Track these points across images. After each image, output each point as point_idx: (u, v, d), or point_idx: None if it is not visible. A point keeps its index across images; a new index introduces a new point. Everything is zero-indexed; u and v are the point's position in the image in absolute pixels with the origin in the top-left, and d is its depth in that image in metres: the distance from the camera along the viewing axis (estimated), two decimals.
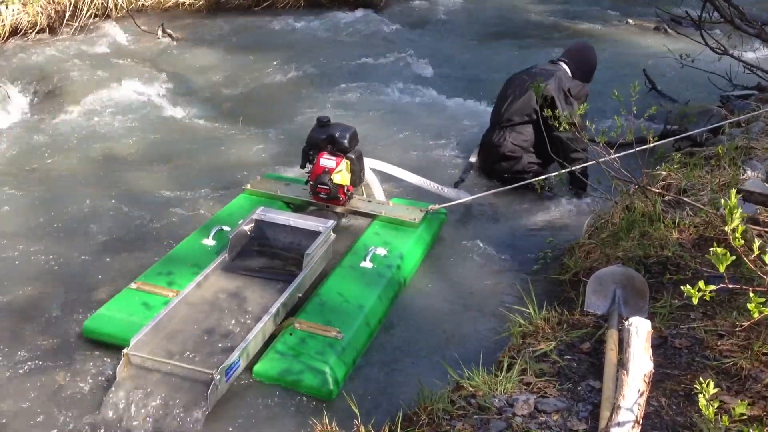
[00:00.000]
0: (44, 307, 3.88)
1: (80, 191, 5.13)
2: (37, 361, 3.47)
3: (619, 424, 2.39)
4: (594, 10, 10.84)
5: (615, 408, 2.43)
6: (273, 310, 3.57)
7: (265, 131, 6.36)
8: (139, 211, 4.89)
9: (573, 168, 4.68)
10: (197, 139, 6.16)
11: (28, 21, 8.27)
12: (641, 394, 2.43)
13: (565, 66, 5.50)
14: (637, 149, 4.09)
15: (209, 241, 4.19)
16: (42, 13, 8.38)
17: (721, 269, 2.09)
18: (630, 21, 10.37)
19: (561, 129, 4.42)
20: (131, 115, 6.47)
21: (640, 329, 2.48)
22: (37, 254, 4.35)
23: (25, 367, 3.43)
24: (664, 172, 4.61)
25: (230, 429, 3.15)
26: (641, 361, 2.46)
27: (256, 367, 3.38)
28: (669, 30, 8.84)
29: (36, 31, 8.32)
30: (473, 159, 5.67)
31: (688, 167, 4.75)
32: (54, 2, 8.51)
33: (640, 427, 2.44)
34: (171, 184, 5.33)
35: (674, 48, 6.99)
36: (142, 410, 3.10)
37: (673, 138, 5.30)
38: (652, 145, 4.13)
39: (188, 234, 4.37)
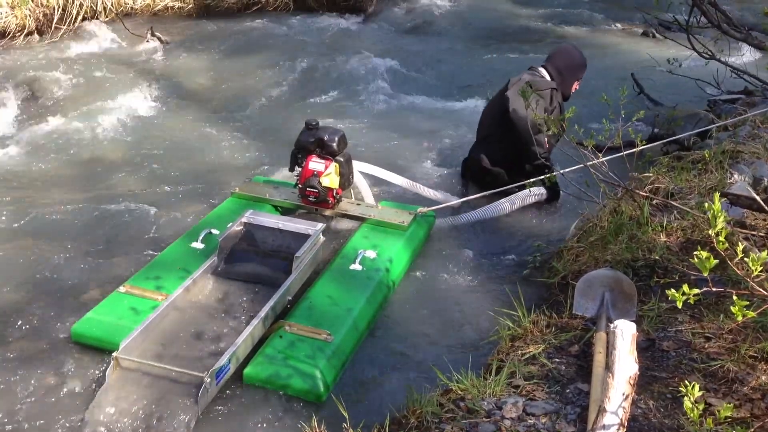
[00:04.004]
0: (31, 312, 3.86)
1: (68, 195, 5.12)
2: (25, 366, 3.46)
3: (604, 427, 2.40)
4: (583, 14, 10.87)
5: (600, 411, 2.44)
6: (262, 313, 3.57)
7: (253, 134, 6.36)
8: (127, 215, 4.88)
9: (558, 172, 4.71)
10: (185, 142, 6.15)
11: (16, 24, 8.25)
12: (626, 397, 2.44)
13: (542, 70, 5.41)
14: (625, 153, 4.11)
15: (198, 245, 4.18)
16: (30, 16, 8.36)
17: (705, 273, 2.10)
18: (618, 26, 10.42)
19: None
20: (119, 119, 6.46)
21: (626, 332, 2.49)
22: (24, 258, 4.33)
23: (13, 372, 3.42)
24: (651, 176, 4.63)
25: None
26: (626, 363, 2.47)
27: (246, 371, 3.38)
28: (657, 35, 8.87)
29: (24, 34, 8.30)
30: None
31: (675, 171, 4.78)
32: (42, 5, 8.48)
33: (625, 430, 2.46)
34: (159, 187, 5.32)
35: (662, 53, 7.03)
36: (132, 414, 3.09)
37: (660, 142, 5.32)
38: (640, 148, 4.15)
39: (177, 237, 4.37)
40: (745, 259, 2.16)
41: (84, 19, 8.93)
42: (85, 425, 3.08)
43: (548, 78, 5.35)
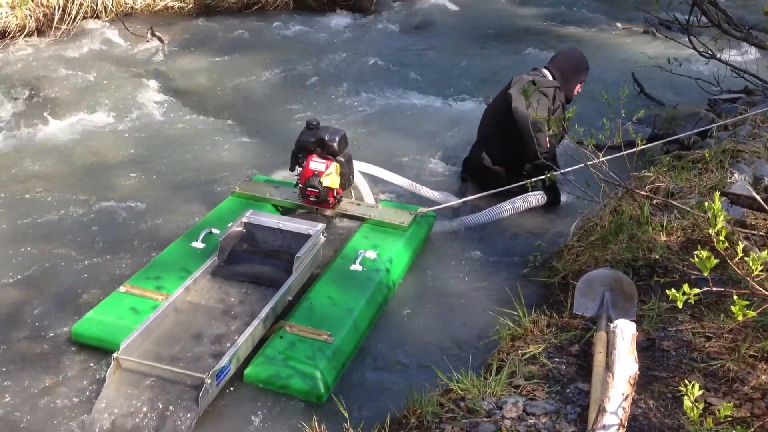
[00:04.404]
0: (32, 312, 3.87)
1: (68, 195, 5.12)
2: (25, 366, 3.46)
3: (604, 427, 2.40)
4: (583, 14, 10.87)
5: (600, 410, 2.44)
6: (263, 314, 3.57)
7: (254, 134, 6.36)
8: (127, 215, 4.88)
9: (559, 172, 4.71)
10: (185, 142, 6.15)
11: (16, 24, 8.25)
12: (626, 397, 2.44)
13: (545, 71, 5.42)
14: (626, 152, 4.11)
15: (198, 244, 4.18)
16: (31, 16, 8.35)
17: (705, 273, 2.10)
18: (619, 25, 10.41)
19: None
20: (119, 119, 6.46)
21: (626, 332, 2.49)
22: (24, 258, 4.34)
23: (13, 372, 3.42)
24: (652, 175, 4.63)
25: None
26: (626, 363, 2.47)
27: (247, 371, 3.38)
28: (657, 34, 8.87)
29: (24, 34, 8.30)
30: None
31: (676, 170, 4.77)
32: (42, 5, 8.48)
33: (625, 429, 2.45)
34: (159, 187, 5.32)
35: (662, 52, 7.02)
36: (133, 414, 3.09)
37: (661, 141, 5.32)
38: (640, 148, 4.14)
39: (177, 237, 4.37)
40: (746, 258, 2.16)
41: (84, 18, 8.93)
42: (86, 426, 3.09)
43: (551, 78, 5.35)
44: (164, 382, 3.21)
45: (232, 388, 3.37)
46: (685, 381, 2.18)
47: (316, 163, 4.54)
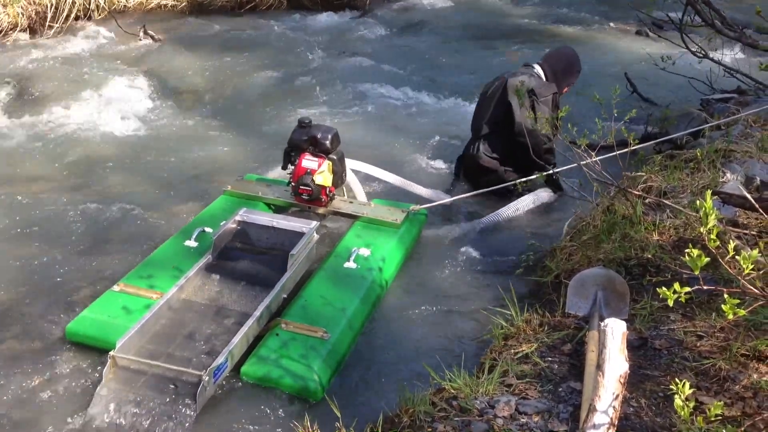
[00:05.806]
0: (25, 311, 3.86)
1: (60, 194, 5.11)
2: (19, 365, 3.46)
3: (595, 426, 2.40)
4: (576, 13, 10.88)
5: (591, 409, 2.44)
6: (258, 312, 3.57)
7: (246, 132, 6.36)
8: (120, 213, 4.87)
9: (552, 171, 4.71)
10: (178, 140, 6.14)
11: (8, 22, 8.23)
12: (616, 396, 2.45)
13: (538, 68, 5.39)
14: (618, 152, 4.12)
15: (191, 243, 4.18)
16: (23, 14, 8.33)
17: (696, 271, 2.11)
18: (612, 24, 10.42)
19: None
20: (111, 117, 6.44)
21: (616, 331, 2.50)
22: (17, 258, 4.33)
23: (8, 372, 3.42)
24: (644, 175, 4.64)
25: (217, 430, 3.15)
26: (617, 362, 2.47)
27: (243, 368, 3.39)
28: (650, 33, 8.88)
29: (17, 32, 8.27)
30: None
31: (668, 170, 4.78)
32: (35, 3, 8.46)
33: (615, 429, 2.46)
34: (151, 185, 5.32)
35: (655, 51, 7.04)
36: (130, 412, 3.09)
37: (653, 141, 5.32)
38: (633, 148, 4.15)
39: (170, 236, 4.36)
40: (737, 257, 2.17)
41: (77, 17, 8.91)
42: (83, 424, 3.09)
43: (543, 76, 5.33)
44: (162, 379, 3.21)
45: (228, 386, 3.37)
46: (677, 380, 2.19)
47: (308, 162, 4.54)
